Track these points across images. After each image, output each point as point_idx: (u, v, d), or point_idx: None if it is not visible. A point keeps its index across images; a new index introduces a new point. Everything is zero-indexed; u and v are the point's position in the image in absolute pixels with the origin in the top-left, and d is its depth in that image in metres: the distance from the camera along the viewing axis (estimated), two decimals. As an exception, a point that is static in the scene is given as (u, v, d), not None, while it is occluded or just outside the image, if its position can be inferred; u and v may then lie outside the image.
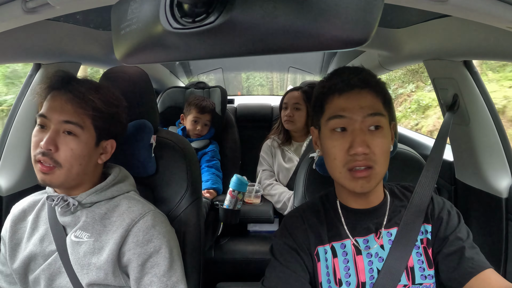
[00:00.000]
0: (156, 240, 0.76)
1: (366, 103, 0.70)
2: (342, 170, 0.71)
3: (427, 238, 0.74)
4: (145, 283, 0.74)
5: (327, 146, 0.73)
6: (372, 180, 0.70)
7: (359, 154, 0.68)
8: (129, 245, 0.75)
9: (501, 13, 0.53)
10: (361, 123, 0.69)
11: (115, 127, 0.81)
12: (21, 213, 0.83)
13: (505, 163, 1.14)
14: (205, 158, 1.84)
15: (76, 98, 0.74)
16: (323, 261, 0.75)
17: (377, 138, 0.69)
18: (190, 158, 1.02)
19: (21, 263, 0.78)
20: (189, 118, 1.84)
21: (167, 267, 0.76)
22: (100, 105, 0.75)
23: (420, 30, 1.09)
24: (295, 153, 1.79)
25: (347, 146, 0.69)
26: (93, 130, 0.76)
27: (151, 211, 0.80)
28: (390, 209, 0.77)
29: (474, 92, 1.13)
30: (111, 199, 0.81)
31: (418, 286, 0.72)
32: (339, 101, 0.71)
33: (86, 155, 0.75)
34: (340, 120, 0.70)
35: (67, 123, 0.73)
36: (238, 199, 1.55)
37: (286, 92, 1.87)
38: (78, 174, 0.75)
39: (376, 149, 0.69)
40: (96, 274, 0.73)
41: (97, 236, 0.76)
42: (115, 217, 0.78)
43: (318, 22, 0.31)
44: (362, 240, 0.75)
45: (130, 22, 0.41)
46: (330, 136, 0.72)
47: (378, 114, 0.70)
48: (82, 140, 0.74)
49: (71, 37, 1.14)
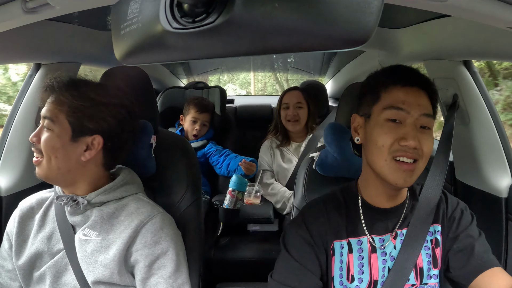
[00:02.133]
0: (164, 242, 0.78)
1: (423, 102, 0.71)
2: (388, 158, 0.70)
3: (436, 238, 0.75)
4: (151, 284, 0.76)
5: (377, 133, 0.72)
6: (414, 175, 0.71)
7: (410, 147, 0.68)
8: (137, 245, 0.76)
9: (501, 13, 0.53)
10: (416, 120, 0.70)
11: (96, 124, 0.79)
12: (29, 209, 0.84)
13: (504, 162, 1.14)
14: (213, 158, 1.81)
15: (55, 94, 0.78)
16: (337, 256, 0.75)
17: (426, 137, 0.71)
18: (190, 158, 1.02)
19: (27, 260, 0.79)
20: (188, 118, 1.84)
21: (173, 269, 0.77)
22: (71, 101, 0.77)
23: (420, 30, 1.10)
24: (294, 154, 1.79)
25: (399, 137, 0.70)
26: (67, 124, 0.77)
27: (159, 213, 0.81)
28: (407, 209, 0.78)
29: (473, 92, 1.13)
30: (119, 200, 0.82)
31: (423, 286, 0.73)
32: (400, 93, 0.72)
33: (60, 148, 0.76)
34: (397, 111, 0.71)
35: (45, 118, 0.77)
36: (238, 198, 1.55)
37: (285, 91, 1.86)
38: (58, 168, 0.76)
39: (425, 147, 0.70)
40: (102, 272, 0.75)
41: (105, 234, 0.77)
42: (123, 216, 0.79)
43: (318, 22, 0.31)
44: (379, 238, 0.75)
45: (130, 22, 0.41)
46: (382, 124, 0.72)
47: (430, 116, 0.72)
48: (54, 133, 0.76)
49: (71, 37, 1.14)
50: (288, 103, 1.79)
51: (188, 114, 1.84)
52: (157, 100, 2.15)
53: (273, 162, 1.82)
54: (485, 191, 1.15)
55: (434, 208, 0.75)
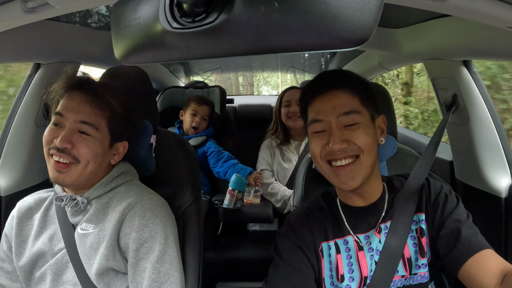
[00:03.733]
0: (152, 225, 0.75)
1: (339, 102, 0.73)
2: (324, 164, 0.74)
3: (421, 227, 0.75)
4: (140, 269, 0.74)
5: (311, 146, 0.77)
6: (358, 174, 0.72)
7: (335, 150, 0.71)
8: (125, 229, 0.75)
9: (500, 13, 0.53)
10: (337, 123, 0.72)
11: (129, 131, 0.83)
12: (27, 210, 0.83)
13: (504, 162, 1.14)
14: (211, 159, 1.81)
15: (94, 99, 0.75)
16: (326, 257, 0.76)
17: (356, 132, 0.72)
18: (189, 158, 1.02)
19: (28, 261, 0.79)
20: (188, 111, 1.86)
21: (160, 253, 0.74)
22: (117, 108, 0.77)
23: (420, 30, 1.09)
24: (294, 152, 1.79)
25: (324, 143, 0.72)
26: (107, 131, 0.77)
27: (149, 195, 0.80)
28: (388, 202, 0.78)
29: (473, 92, 1.13)
30: (114, 188, 0.82)
31: (413, 276, 0.72)
32: (316, 104, 0.76)
33: (101, 155, 0.76)
34: (318, 124, 0.75)
35: (83, 123, 0.74)
36: (238, 198, 1.55)
37: (285, 90, 1.86)
38: (91, 172, 0.76)
39: (357, 141, 0.71)
40: (99, 261, 0.74)
41: (101, 225, 0.77)
42: (115, 203, 0.79)
43: (318, 22, 0.31)
44: (363, 236, 0.76)
45: (130, 22, 0.41)
46: (311, 137, 0.77)
47: (352, 112, 0.72)
48: (97, 140, 0.75)
49: (71, 37, 1.14)
50: (290, 100, 1.78)
51: (188, 108, 1.86)
52: (157, 99, 2.15)
53: (273, 161, 1.82)
54: (484, 190, 1.15)
55: (416, 197, 0.75)
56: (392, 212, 0.76)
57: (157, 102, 2.12)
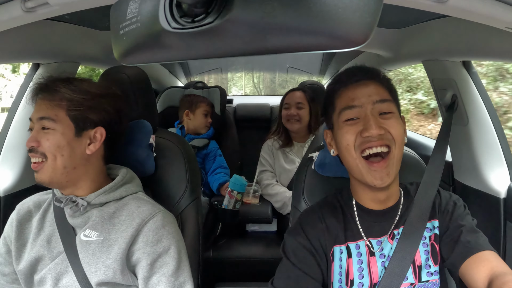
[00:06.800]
0: (165, 240, 0.77)
1: (374, 91, 0.72)
2: (357, 155, 0.70)
3: (435, 234, 0.74)
4: (153, 282, 0.75)
5: (340, 136, 0.73)
6: (391, 170, 0.70)
7: (373, 136, 0.68)
8: (138, 244, 0.76)
9: (500, 13, 0.53)
10: (372, 110, 0.70)
11: (98, 115, 0.80)
12: (27, 213, 0.83)
13: (503, 163, 1.14)
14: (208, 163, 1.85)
15: (47, 94, 0.77)
16: (337, 261, 0.74)
17: (391, 121, 0.70)
18: (189, 158, 1.02)
19: (27, 264, 0.78)
20: (199, 112, 1.88)
21: (175, 267, 0.77)
22: (71, 95, 0.76)
23: (419, 31, 1.10)
24: (296, 155, 1.79)
25: (360, 130, 0.70)
26: (69, 120, 0.76)
27: (161, 212, 0.81)
28: (403, 208, 0.77)
29: (472, 92, 1.13)
30: (119, 199, 0.82)
31: (424, 283, 0.71)
32: (348, 92, 0.73)
33: (66, 145, 0.75)
34: (351, 110, 0.72)
35: (42, 119, 0.75)
36: (237, 199, 1.55)
37: (287, 92, 1.87)
38: (64, 166, 0.75)
39: (392, 130, 0.70)
40: (105, 272, 0.74)
41: (106, 234, 0.77)
42: (124, 216, 0.79)
43: (317, 22, 0.31)
44: (376, 241, 0.75)
45: (129, 22, 0.40)
46: (342, 127, 0.73)
47: (387, 101, 0.71)
48: (57, 131, 0.75)
49: (70, 37, 1.14)
50: (289, 103, 1.80)
51: (198, 108, 1.88)
52: (157, 100, 2.15)
53: (275, 162, 1.82)
54: (483, 191, 1.16)
55: (430, 206, 0.75)
56: (405, 218, 0.75)
57: (157, 103, 2.12)
